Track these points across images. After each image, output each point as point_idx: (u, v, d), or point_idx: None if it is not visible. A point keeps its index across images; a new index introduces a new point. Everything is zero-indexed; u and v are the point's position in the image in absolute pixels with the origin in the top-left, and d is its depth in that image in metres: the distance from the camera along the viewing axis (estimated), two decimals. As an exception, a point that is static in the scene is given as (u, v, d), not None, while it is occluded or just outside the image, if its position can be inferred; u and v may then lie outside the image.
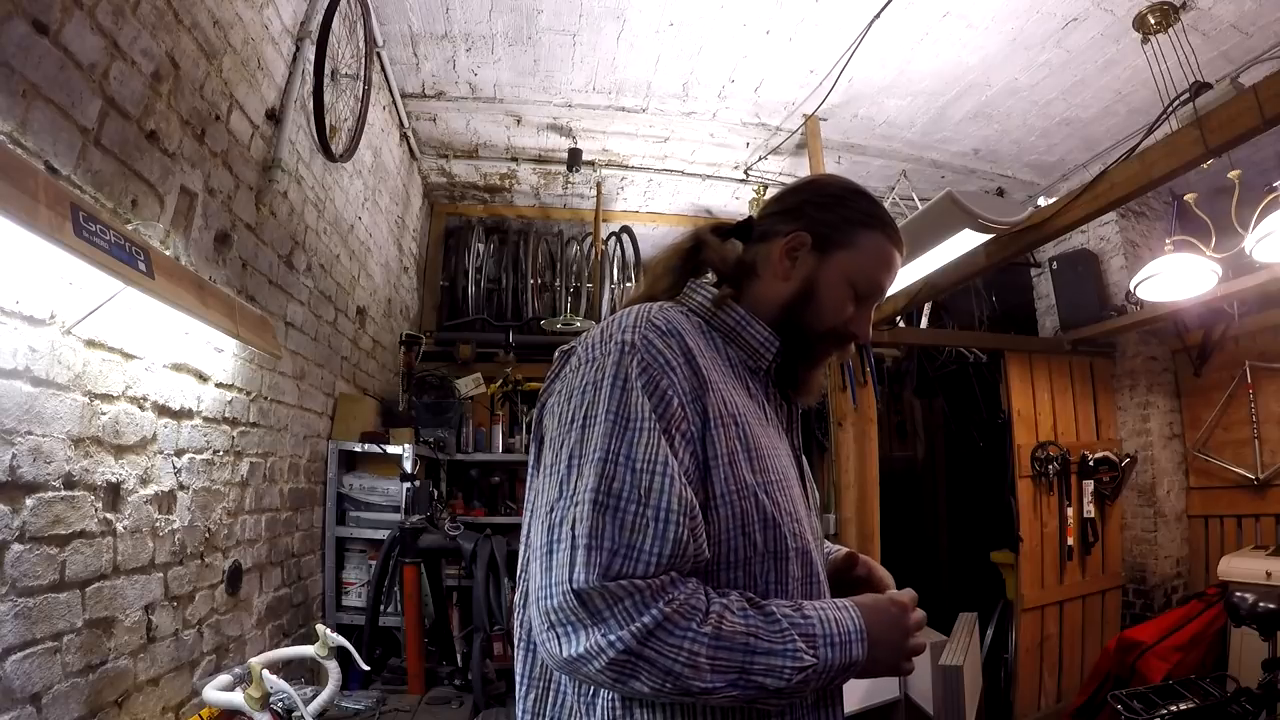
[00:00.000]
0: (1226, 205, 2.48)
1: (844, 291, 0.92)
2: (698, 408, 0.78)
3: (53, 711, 1.20)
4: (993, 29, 2.82)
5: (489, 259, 4.55)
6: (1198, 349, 3.82)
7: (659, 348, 0.79)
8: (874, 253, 0.94)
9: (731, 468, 0.78)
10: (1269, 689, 2.37)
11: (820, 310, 0.92)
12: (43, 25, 1.17)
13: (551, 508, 0.74)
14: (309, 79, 2.25)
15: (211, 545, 1.79)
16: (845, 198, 0.96)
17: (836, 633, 0.74)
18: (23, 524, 1.15)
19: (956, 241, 2.51)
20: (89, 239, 1.14)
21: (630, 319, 0.83)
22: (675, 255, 0.97)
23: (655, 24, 2.88)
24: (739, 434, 0.80)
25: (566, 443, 0.76)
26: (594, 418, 0.75)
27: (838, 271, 0.93)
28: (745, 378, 0.90)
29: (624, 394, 0.75)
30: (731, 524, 0.77)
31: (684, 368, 0.79)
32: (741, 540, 0.77)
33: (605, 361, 0.78)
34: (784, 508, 0.81)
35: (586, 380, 0.79)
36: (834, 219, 0.94)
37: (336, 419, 2.76)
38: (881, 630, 0.78)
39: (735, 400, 0.83)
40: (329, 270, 2.68)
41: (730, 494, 0.77)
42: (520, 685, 0.84)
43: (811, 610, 0.75)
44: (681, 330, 0.83)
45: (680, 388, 0.78)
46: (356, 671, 2.16)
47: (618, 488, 0.71)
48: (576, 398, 0.78)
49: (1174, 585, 3.78)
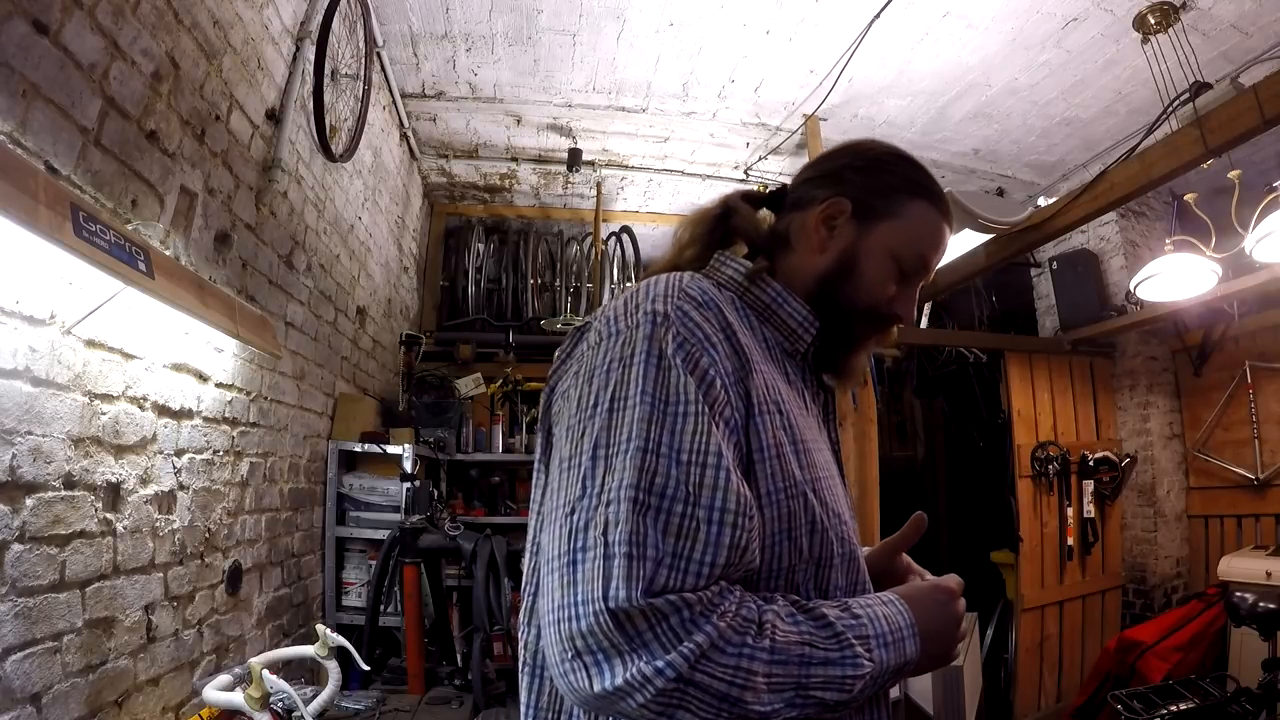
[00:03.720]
0: (1226, 205, 2.48)
1: (887, 266, 0.81)
2: (740, 391, 0.68)
3: (53, 711, 1.20)
4: (993, 29, 2.82)
5: (489, 259, 4.55)
6: (1198, 349, 3.82)
7: (696, 320, 0.68)
8: (921, 224, 0.83)
9: (779, 462, 0.68)
10: (1269, 689, 2.37)
11: (860, 286, 0.81)
12: (43, 25, 1.17)
13: (573, 508, 0.62)
14: (309, 79, 2.25)
15: (211, 545, 1.79)
16: (889, 162, 0.85)
17: (888, 630, 0.66)
18: (23, 524, 1.15)
19: (956, 241, 2.51)
20: (89, 239, 1.14)
21: (660, 287, 0.72)
22: (703, 223, 0.87)
23: (655, 24, 2.88)
24: (784, 423, 0.71)
25: (589, 430, 0.65)
26: (625, 400, 0.64)
27: (880, 243, 0.81)
28: (783, 361, 0.80)
29: (660, 372, 0.65)
30: (778, 527, 0.67)
31: (724, 345, 0.69)
32: (787, 546, 0.68)
33: (634, 335, 0.67)
34: (831, 508, 0.72)
35: (612, 356, 0.67)
36: (877, 185, 0.83)
37: (336, 419, 2.76)
38: (931, 621, 0.70)
39: (778, 385, 0.74)
40: (329, 270, 2.68)
41: (777, 492, 0.68)
42: (526, 716, 0.73)
43: (860, 609, 0.66)
44: (719, 303, 0.72)
45: (722, 367, 0.67)
46: (356, 671, 2.16)
47: (661, 484, 0.60)
48: (600, 377, 0.67)
49: (1174, 585, 3.78)
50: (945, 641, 0.71)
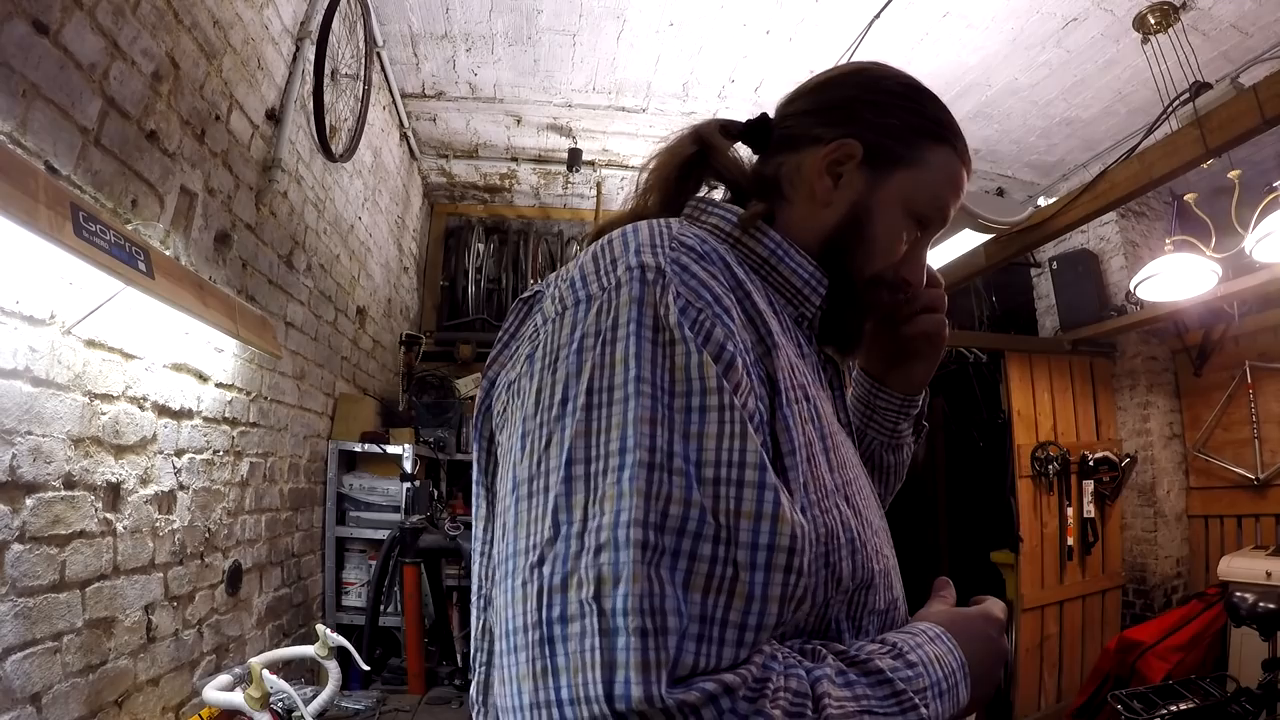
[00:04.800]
0: (1226, 205, 2.48)
1: (903, 224, 0.67)
2: (761, 373, 0.52)
3: (53, 711, 1.20)
4: (993, 29, 2.82)
5: (489, 259, 4.55)
6: (1198, 349, 3.82)
7: (701, 277, 0.51)
8: (943, 173, 0.68)
9: (810, 466, 0.52)
10: (1269, 689, 2.37)
11: (873, 248, 0.67)
12: (43, 25, 1.17)
13: (541, 556, 0.43)
14: (309, 79, 2.25)
15: (211, 545, 1.79)
16: (910, 97, 0.70)
17: (943, 677, 0.52)
18: (23, 524, 1.15)
19: (956, 241, 2.51)
20: (89, 239, 1.14)
21: (644, 234, 0.54)
22: (670, 162, 0.71)
23: (655, 24, 2.88)
24: (811, 413, 0.55)
25: (558, 438, 0.46)
26: (610, 391, 0.46)
27: (898, 197, 0.67)
28: (793, 330, 0.64)
29: (661, 349, 0.47)
30: (814, 551, 0.50)
31: (737, 307, 0.52)
32: (825, 576, 0.52)
33: (614, 299, 0.49)
34: (865, 517, 0.58)
35: (584, 330, 0.48)
36: (896, 126, 0.68)
37: (336, 419, 2.76)
38: (981, 660, 0.57)
39: (798, 363, 0.58)
40: (329, 270, 2.68)
41: (811, 506, 0.51)
42: None
43: (913, 653, 0.52)
44: (724, 255, 0.56)
45: (740, 338, 0.50)
46: (356, 671, 2.16)
47: (679, 515, 0.42)
48: (568, 361, 0.48)
49: (1174, 585, 3.77)
50: (991, 683, 0.58)
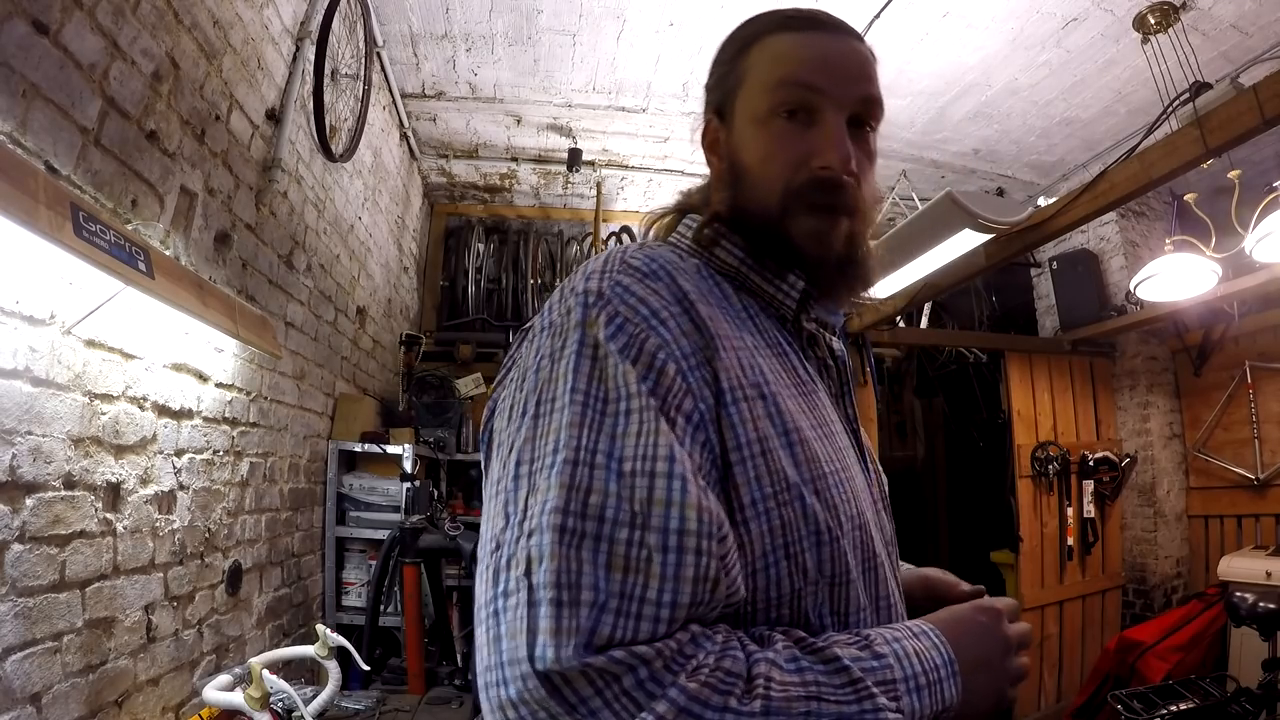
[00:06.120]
0: (1226, 205, 2.48)
1: (759, 131, 0.67)
2: (704, 375, 0.56)
3: (53, 711, 1.20)
4: (993, 29, 2.82)
5: (489, 259, 4.55)
6: (1198, 349, 3.82)
7: (639, 294, 0.57)
8: (765, 59, 0.68)
9: (765, 460, 0.56)
10: (1269, 689, 2.37)
11: (749, 170, 0.68)
12: (43, 25, 1.17)
13: (497, 543, 0.51)
14: (309, 79, 2.25)
15: (211, 545, 1.79)
16: (730, 38, 0.73)
17: (921, 671, 0.52)
18: (23, 524, 1.15)
19: (956, 241, 2.50)
20: (89, 239, 1.14)
21: (598, 262, 0.61)
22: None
23: (655, 24, 2.88)
24: (770, 410, 0.58)
25: (515, 443, 0.54)
26: (552, 401, 0.53)
27: (742, 119, 0.69)
28: (771, 330, 0.66)
29: (593, 363, 0.53)
30: (771, 543, 0.55)
31: (680, 319, 0.57)
32: (786, 566, 0.55)
33: (566, 323, 0.56)
34: (844, 510, 0.59)
35: (542, 353, 0.57)
36: (722, 72, 0.72)
37: (336, 419, 2.76)
38: (975, 654, 0.56)
39: (759, 363, 0.60)
40: (329, 270, 2.68)
41: (765, 499, 0.55)
42: None
43: (883, 644, 0.53)
44: (672, 270, 0.61)
45: (677, 348, 0.55)
46: (356, 671, 2.16)
47: (598, 503, 0.48)
48: (529, 379, 0.56)
49: (1174, 585, 3.77)
50: (995, 676, 0.57)
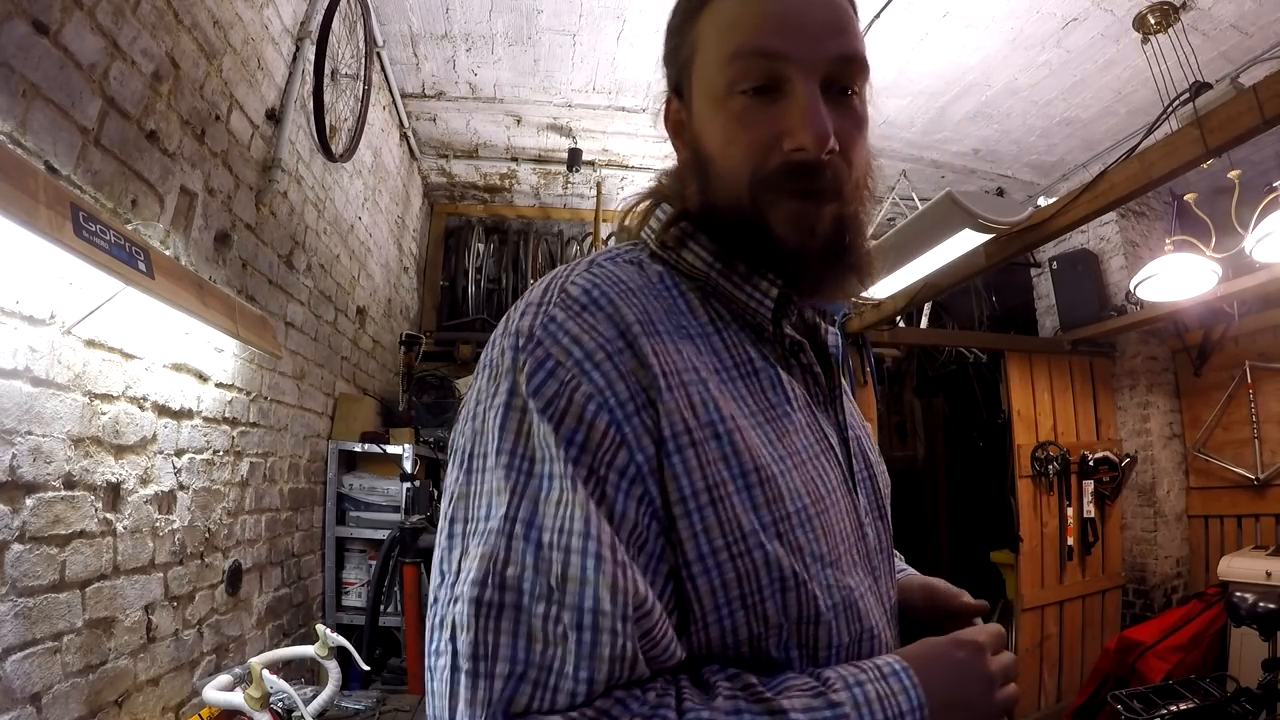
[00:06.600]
0: (1226, 205, 2.48)
1: (720, 110, 0.59)
2: (644, 421, 0.51)
3: (53, 711, 1.20)
4: (993, 29, 2.82)
5: (489, 259, 4.55)
6: (1198, 349, 3.82)
7: (572, 334, 0.52)
8: (723, 25, 0.59)
9: (715, 510, 0.52)
10: (1269, 689, 2.37)
11: (717, 169, 0.60)
12: (43, 25, 1.17)
13: (434, 598, 0.50)
14: (309, 79, 2.25)
15: (211, 545, 1.79)
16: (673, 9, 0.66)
17: (881, 717, 0.49)
18: (23, 524, 1.15)
19: (956, 241, 2.50)
20: (89, 239, 1.14)
21: (537, 292, 0.57)
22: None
23: (655, 24, 2.88)
24: (725, 451, 0.53)
25: (454, 495, 0.52)
26: (484, 458, 0.51)
27: (701, 101, 0.61)
28: (740, 345, 0.60)
29: (520, 418, 0.50)
30: (724, 596, 0.51)
31: (619, 357, 0.52)
32: (743, 616, 0.52)
33: (500, 365, 0.53)
34: (811, 551, 0.55)
35: (481, 397, 0.54)
36: (674, 41, 0.64)
37: (336, 419, 2.76)
38: (950, 695, 0.53)
39: (713, 396, 0.55)
40: (329, 270, 2.68)
41: (716, 553, 0.51)
42: None
43: (842, 690, 0.49)
44: (617, 296, 0.55)
45: (610, 395, 0.51)
46: (356, 671, 2.16)
47: (514, 574, 0.47)
48: (469, 427, 0.54)
49: (1174, 585, 3.78)
50: (974, 715, 0.55)
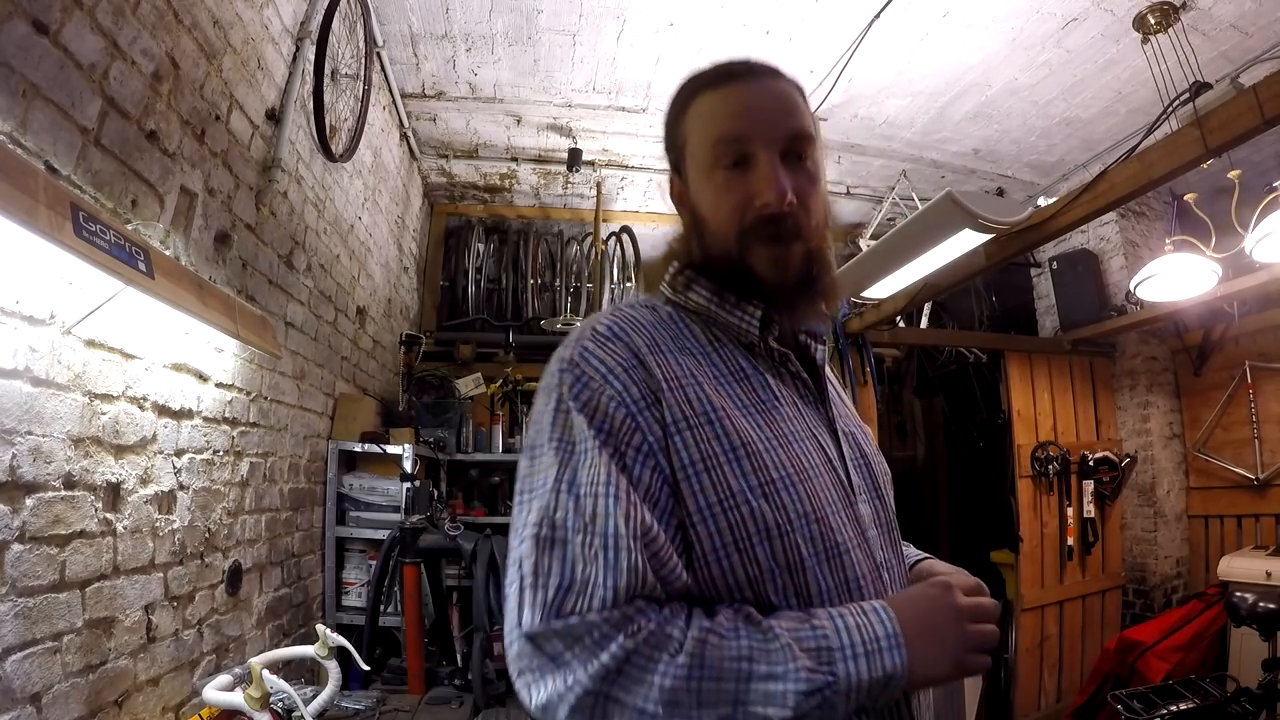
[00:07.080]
0: (1226, 205, 2.48)
1: (707, 180, 0.80)
2: (654, 414, 0.71)
3: (53, 711, 1.20)
4: (993, 29, 2.82)
5: (489, 259, 4.55)
6: (1198, 349, 3.81)
7: (599, 357, 0.73)
8: (704, 119, 0.81)
9: (709, 475, 0.69)
10: (1269, 689, 2.37)
11: (706, 220, 0.81)
12: (43, 25, 1.17)
13: (511, 548, 0.70)
14: (309, 79, 2.25)
15: (211, 545, 1.79)
16: (672, 97, 0.86)
17: (860, 641, 0.63)
18: (23, 524, 1.15)
19: (956, 241, 2.50)
20: (89, 239, 1.14)
21: (576, 332, 0.78)
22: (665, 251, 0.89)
23: (655, 24, 2.88)
24: (717, 432, 0.71)
25: (522, 474, 0.73)
26: (541, 446, 0.71)
27: (694, 173, 0.82)
28: (735, 358, 0.79)
29: (564, 418, 0.71)
30: (720, 540, 0.68)
31: (633, 371, 0.72)
32: (739, 559, 0.68)
33: (552, 384, 0.74)
34: (795, 509, 0.70)
35: (538, 408, 0.75)
36: (671, 134, 0.86)
37: (336, 419, 2.76)
38: (924, 625, 0.65)
39: (708, 393, 0.73)
40: (329, 270, 2.68)
41: (712, 506, 0.69)
42: None
43: (826, 619, 0.64)
44: (631, 329, 0.76)
45: (627, 396, 0.70)
46: (356, 671, 2.16)
47: (561, 518, 0.66)
48: (533, 427, 0.74)
49: (1174, 585, 3.77)
50: (948, 644, 0.66)
